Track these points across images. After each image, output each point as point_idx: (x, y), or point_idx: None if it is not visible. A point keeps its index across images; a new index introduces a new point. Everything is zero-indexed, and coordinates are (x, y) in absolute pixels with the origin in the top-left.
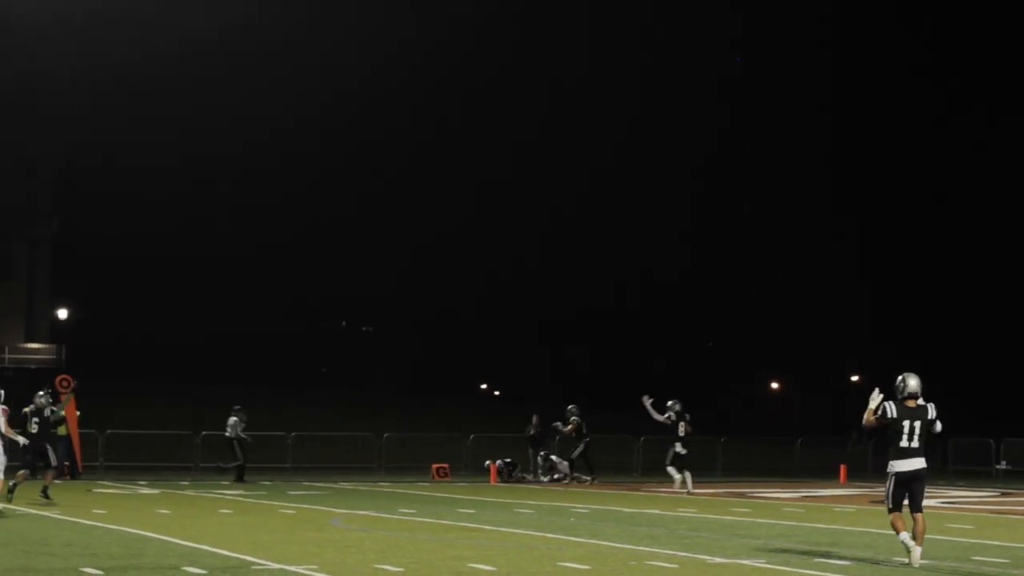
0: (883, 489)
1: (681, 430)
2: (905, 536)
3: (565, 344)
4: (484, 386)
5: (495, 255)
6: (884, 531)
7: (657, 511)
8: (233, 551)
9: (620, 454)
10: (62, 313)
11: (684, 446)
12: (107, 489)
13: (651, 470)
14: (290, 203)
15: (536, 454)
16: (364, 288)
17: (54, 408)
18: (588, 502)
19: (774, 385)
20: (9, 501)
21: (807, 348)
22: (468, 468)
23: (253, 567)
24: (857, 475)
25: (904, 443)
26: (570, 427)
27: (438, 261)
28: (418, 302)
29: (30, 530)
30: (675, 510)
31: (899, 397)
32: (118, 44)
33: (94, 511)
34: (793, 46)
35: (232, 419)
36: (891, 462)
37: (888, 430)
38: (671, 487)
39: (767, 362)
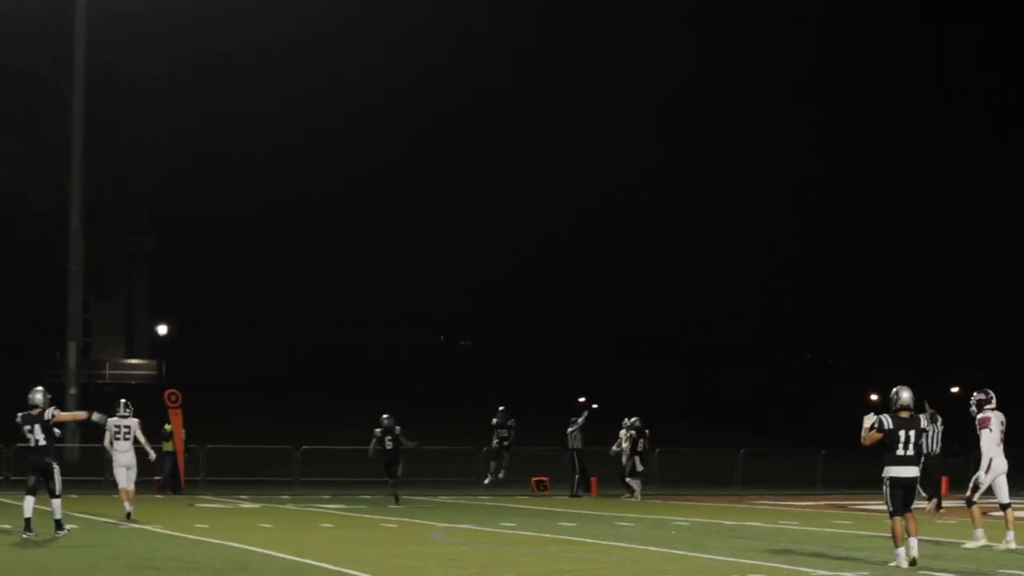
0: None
1: (640, 446)
2: (902, 551)
3: (660, 359)
4: (582, 399)
5: (595, 268)
6: (989, 543)
7: (758, 524)
8: (336, 565)
9: (720, 467)
10: (161, 329)
11: (642, 461)
12: (209, 504)
13: (752, 483)
14: (387, 218)
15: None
16: (462, 302)
17: None
18: (689, 515)
19: (873, 397)
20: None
21: (908, 360)
22: (567, 481)
23: None
24: (959, 487)
25: (900, 451)
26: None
27: (536, 275)
28: (516, 316)
29: (135, 544)
30: (776, 522)
31: (892, 409)
32: (213, 56)
33: (196, 525)
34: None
35: (571, 429)
36: (887, 468)
37: (886, 440)
38: (629, 497)
39: (867, 374)
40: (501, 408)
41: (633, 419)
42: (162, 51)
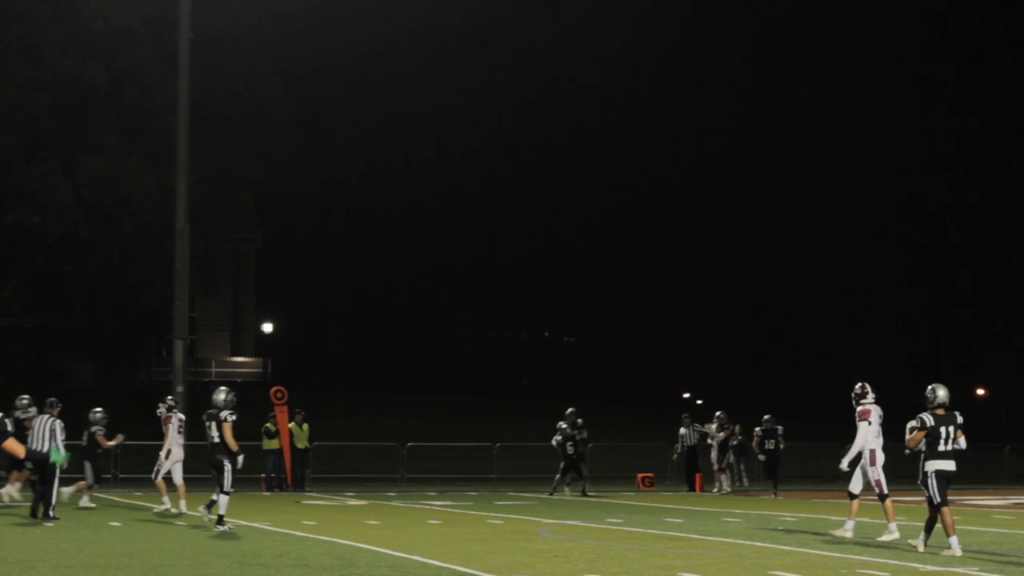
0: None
1: (728, 437)
2: (955, 539)
3: (761, 354)
4: (687, 395)
5: (699, 268)
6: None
7: (866, 519)
8: (444, 561)
9: (825, 461)
10: (267, 327)
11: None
12: (315, 501)
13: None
14: (494, 214)
15: (739, 462)
16: (567, 299)
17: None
18: (796, 510)
19: (980, 391)
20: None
21: (1014, 353)
22: (673, 478)
23: None
24: None
25: (943, 447)
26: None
27: (641, 272)
28: (619, 313)
29: (242, 541)
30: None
31: (929, 407)
32: (320, 52)
33: (304, 522)
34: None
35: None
36: (930, 463)
37: (927, 437)
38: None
39: (973, 368)
40: (570, 410)
41: (718, 413)
42: (273, 51)
